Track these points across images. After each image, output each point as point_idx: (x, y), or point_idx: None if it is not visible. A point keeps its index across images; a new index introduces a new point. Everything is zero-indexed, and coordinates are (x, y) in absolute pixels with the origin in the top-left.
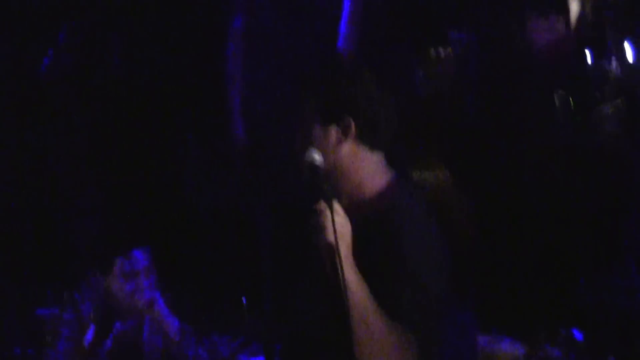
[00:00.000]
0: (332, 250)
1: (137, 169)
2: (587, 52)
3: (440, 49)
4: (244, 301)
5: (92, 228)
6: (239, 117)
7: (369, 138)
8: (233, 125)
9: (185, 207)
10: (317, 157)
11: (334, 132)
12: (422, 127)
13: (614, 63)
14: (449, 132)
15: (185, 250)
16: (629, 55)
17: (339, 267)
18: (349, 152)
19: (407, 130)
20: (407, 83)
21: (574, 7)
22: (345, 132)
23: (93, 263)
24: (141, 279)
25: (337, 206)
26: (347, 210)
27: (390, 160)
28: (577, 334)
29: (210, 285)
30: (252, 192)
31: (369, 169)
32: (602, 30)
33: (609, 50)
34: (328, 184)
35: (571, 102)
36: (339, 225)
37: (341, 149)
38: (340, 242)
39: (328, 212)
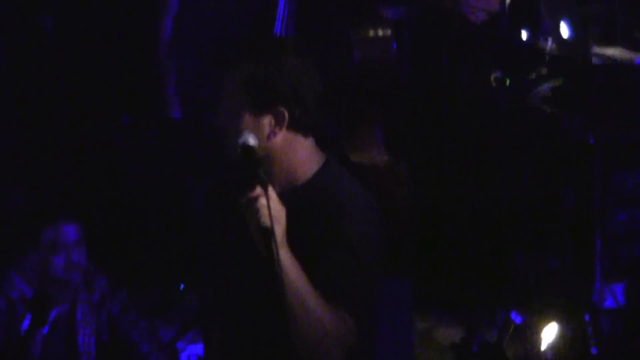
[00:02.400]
0: (268, 235)
1: (72, 151)
2: (523, 32)
3: (377, 28)
4: (182, 287)
5: (23, 205)
6: (175, 99)
7: (301, 125)
8: (168, 107)
9: (120, 190)
10: (252, 140)
11: (267, 122)
12: (359, 107)
13: (549, 43)
14: (387, 112)
15: (121, 233)
16: (565, 35)
17: (275, 252)
18: (283, 140)
19: (345, 111)
20: (345, 63)
21: None
22: (279, 122)
23: (23, 240)
24: (71, 252)
25: (271, 191)
26: (282, 196)
27: (321, 142)
28: (515, 316)
29: (148, 271)
30: (187, 174)
31: (301, 154)
32: (537, 10)
33: (544, 30)
34: (263, 168)
35: (507, 82)
36: (274, 210)
37: (275, 138)
38: (275, 227)
39: (263, 197)
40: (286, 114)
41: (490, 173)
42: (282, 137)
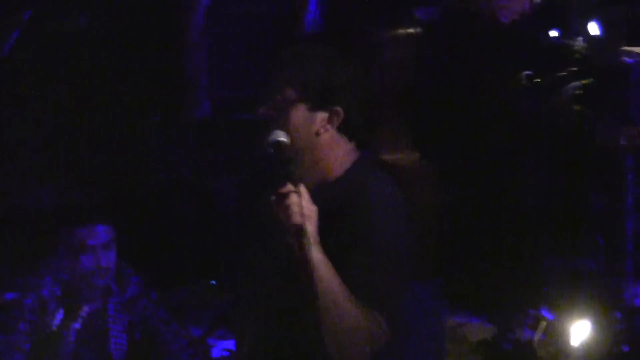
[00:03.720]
0: (299, 233)
1: (100, 149)
2: (552, 31)
3: (407, 28)
4: (213, 283)
5: (54, 206)
6: (205, 98)
7: (350, 126)
8: (198, 106)
9: (151, 189)
10: (283, 137)
11: (320, 118)
12: (388, 106)
13: (579, 42)
14: (415, 112)
15: (153, 232)
16: (595, 34)
17: (306, 250)
18: (329, 138)
19: (376, 112)
20: (375, 64)
21: None
22: (331, 121)
23: (54, 240)
24: (99, 255)
25: (302, 188)
26: (316, 192)
27: (360, 143)
28: (546, 314)
29: (178, 268)
30: (217, 173)
31: (340, 153)
32: (567, 8)
33: (574, 30)
34: (294, 165)
35: (537, 82)
36: (305, 208)
37: (323, 135)
38: (307, 225)
39: (295, 195)
40: (341, 114)
41: (520, 172)
42: (329, 135)
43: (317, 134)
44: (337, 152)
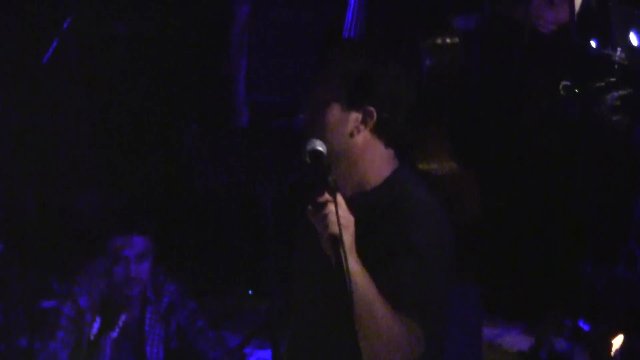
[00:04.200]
0: (336, 243)
1: (140, 157)
2: (592, 41)
3: (447, 37)
4: (250, 293)
5: (95, 214)
6: (244, 106)
7: (386, 130)
8: (237, 114)
9: (189, 198)
10: (320, 146)
11: (354, 118)
12: (428, 115)
13: (618, 52)
14: (456, 120)
15: (189, 240)
16: (634, 45)
17: (343, 260)
18: (364, 140)
19: (415, 119)
20: (414, 72)
21: None
22: (365, 121)
23: (93, 249)
24: (130, 266)
25: (340, 198)
26: (351, 200)
27: (399, 152)
28: (583, 325)
29: (216, 278)
30: (256, 181)
31: (377, 159)
32: (606, 20)
33: (613, 40)
34: (332, 174)
35: (576, 91)
36: (342, 217)
37: (357, 137)
38: (344, 234)
39: (332, 204)
40: (375, 115)
41: (559, 181)
42: (363, 137)
43: (351, 135)
44: (373, 157)
